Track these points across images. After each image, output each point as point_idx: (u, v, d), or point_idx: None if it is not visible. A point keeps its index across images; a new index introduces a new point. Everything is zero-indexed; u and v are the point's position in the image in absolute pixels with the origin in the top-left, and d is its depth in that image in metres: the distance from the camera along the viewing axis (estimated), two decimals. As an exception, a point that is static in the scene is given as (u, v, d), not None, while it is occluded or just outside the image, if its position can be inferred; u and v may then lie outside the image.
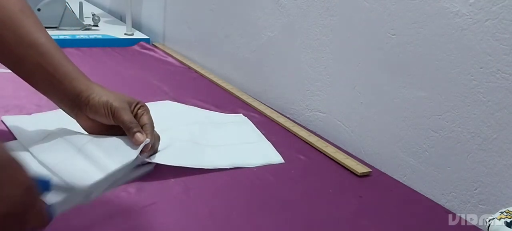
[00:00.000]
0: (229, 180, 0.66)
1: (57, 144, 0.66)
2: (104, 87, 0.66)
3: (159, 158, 0.65)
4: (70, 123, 0.75)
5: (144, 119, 0.65)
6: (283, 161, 0.72)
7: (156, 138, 0.66)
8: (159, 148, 0.67)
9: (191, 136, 0.75)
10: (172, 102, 0.92)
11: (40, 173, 0.41)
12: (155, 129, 0.66)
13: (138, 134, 0.62)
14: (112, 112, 0.63)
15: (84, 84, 0.64)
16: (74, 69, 0.65)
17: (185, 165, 0.65)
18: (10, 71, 0.66)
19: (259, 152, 0.75)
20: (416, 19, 0.68)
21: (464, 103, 0.63)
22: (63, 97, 0.64)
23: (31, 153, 0.65)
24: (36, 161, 0.63)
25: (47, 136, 0.69)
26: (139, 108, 0.66)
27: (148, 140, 0.62)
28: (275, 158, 0.73)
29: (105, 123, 0.64)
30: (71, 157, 0.62)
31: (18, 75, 0.64)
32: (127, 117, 0.63)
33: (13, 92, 0.88)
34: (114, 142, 0.64)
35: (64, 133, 0.69)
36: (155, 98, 0.93)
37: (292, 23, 0.92)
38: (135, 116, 0.65)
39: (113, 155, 0.60)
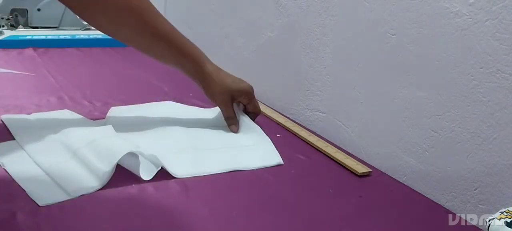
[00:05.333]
0: (229, 180, 0.66)
1: (53, 146, 0.67)
2: (217, 73, 0.80)
3: (165, 163, 0.65)
4: (69, 123, 0.76)
5: (249, 108, 0.83)
6: (282, 162, 0.72)
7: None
8: (159, 153, 0.67)
9: (191, 142, 0.75)
10: (173, 102, 0.92)
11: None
12: (155, 132, 0.77)
13: (232, 126, 0.80)
14: (219, 104, 0.81)
15: (202, 72, 0.80)
16: (195, 54, 0.80)
17: (184, 175, 0.65)
18: (10, 71, 0.66)
19: (259, 154, 0.74)
20: (416, 19, 0.68)
21: (464, 103, 0.63)
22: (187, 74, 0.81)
23: (27, 153, 0.65)
24: (31, 160, 0.64)
25: (45, 137, 0.69)
26: (242, 98, 0.82)
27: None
28: (275, 159, 0.72)
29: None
30: (65, 161, 0.63)
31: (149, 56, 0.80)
32: (226, 113, 0.80)
33: (13, 92, 0.89)
34: (107, 143, 0.65)
35: (61, 134, 0.69)
36: (155, 99, 0.93)
37: (292, 23, 0.92)
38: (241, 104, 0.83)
39: (103, 156, 0.61)
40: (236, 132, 0.80)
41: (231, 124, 0.81)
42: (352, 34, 0.79)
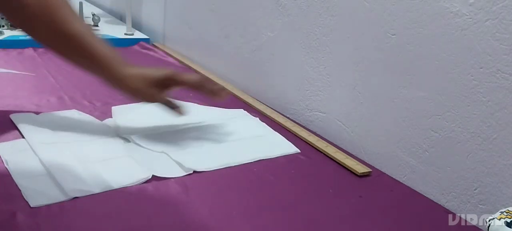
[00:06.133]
0: (229, 180, 0.66)
1: (62, 149, 0.67)
2: (133, 71, 0.71)
3: (188, 163, 0.67)
4: (79, 124, 0.76)
5: (190, 84, 0.75)
6: (299, 151, 0.75)
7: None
8: (180, 151, 0.70)
9: (205, 136, 0.77)
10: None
11: None
12: (167, 131, 0.77)
13: (177, 110, 0.75)
14: (148, 99, 0.74)
15: (115, 75, 0.70)
16: (107, 58, 0.70)
17: (214, 167, 0.68)
18: (10, 71, 0.66)
19: (275, 143, 0.78)
20: (416, 19, 0.68)
21: (464, 103, 0.63)
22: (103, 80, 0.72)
23: (34, 152, 0.65)
24: (36, 160, 0.63)
25: (55, 138, 0.69)
26: (169, 80, 0.73)
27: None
28: (291, 148, 0.76)
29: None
30: (70, 164, 0.63)
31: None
32: (161, 100, 0.74)
33: (13, 92, 0.88)
34: (121, 165, 0.65)
35: (73, 141, 0.70)
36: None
37: (292, 23, 0.92)
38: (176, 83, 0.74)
39: (115, 175, 0.62)
40: (182, 113, 0.75)
41: (173, 106, 0.74)
42: (352, 34, 0.79)
